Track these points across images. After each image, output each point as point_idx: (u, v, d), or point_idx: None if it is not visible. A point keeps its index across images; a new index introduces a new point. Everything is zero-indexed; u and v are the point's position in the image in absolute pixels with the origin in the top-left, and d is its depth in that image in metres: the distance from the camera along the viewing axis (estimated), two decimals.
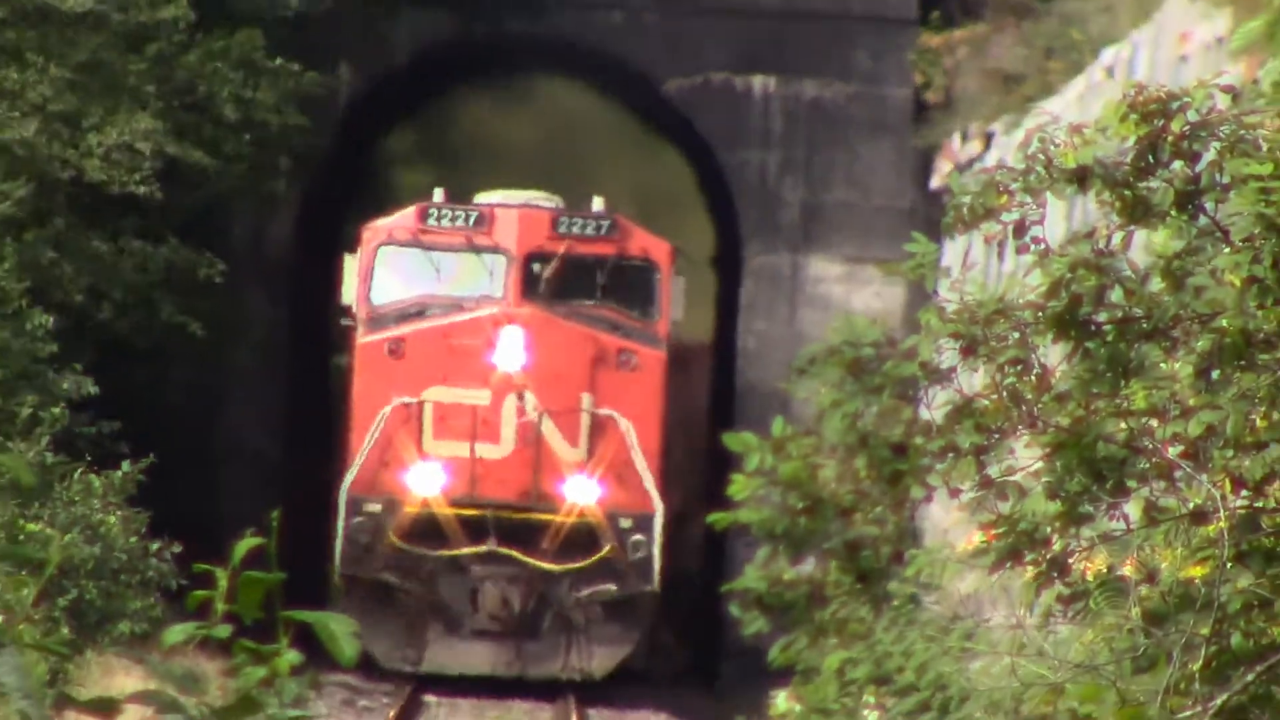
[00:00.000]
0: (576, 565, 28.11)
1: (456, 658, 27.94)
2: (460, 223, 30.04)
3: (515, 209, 30.48)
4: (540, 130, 40.59)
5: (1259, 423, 8.63)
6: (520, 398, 28.69)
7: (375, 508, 28.79)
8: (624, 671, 28.88)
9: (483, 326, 29.23)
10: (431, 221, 30.02)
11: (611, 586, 28.23)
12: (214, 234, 33.31)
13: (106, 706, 2.71)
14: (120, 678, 20.47)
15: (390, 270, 30.34)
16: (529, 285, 29.44)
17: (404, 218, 30.50)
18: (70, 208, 32.69)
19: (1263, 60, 10.69)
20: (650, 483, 28.23)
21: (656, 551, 28.24)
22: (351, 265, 30.14)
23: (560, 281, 29.93)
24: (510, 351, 28.83)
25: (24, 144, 31.94)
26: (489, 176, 32.94)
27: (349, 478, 28.78)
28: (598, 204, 30.27)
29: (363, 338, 30.11)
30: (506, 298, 29.49)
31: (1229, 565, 8.47)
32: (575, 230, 30.17)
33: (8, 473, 26.92)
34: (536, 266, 29.84)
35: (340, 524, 28.74)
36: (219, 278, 32.46)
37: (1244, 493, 8.75)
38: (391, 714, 26.12)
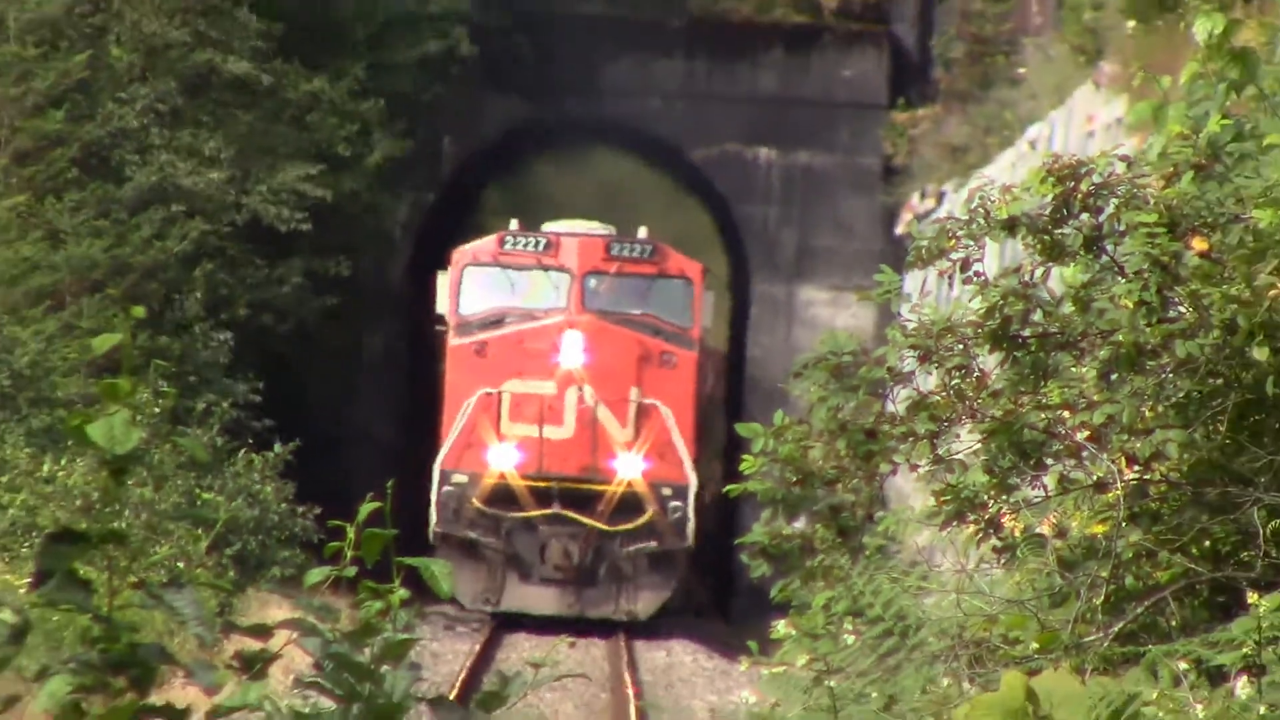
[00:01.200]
0: (626, 526, 27.86)
1: (527, 601, 27.66)
2: (531, 247, 29.66)
3: (576, 236, 30.17)
4: (596, 189, 40.35)
5: (1147, 414, 8.72)
6: (580, 389, 28.23)
7: (462, 479, 28.48)
8: (663, 611, 28.58)
9: (550, 332, 28.85)
10: (508, 246, 29.61)
11: (654, 544, 27.87)
12: (352, 271, 33.44)
13: (262, 630, 2.86)
14: (273, 610, 20.36)
15: (475, 285, 29.92)
16: (587, 298, 29.13)
17: (486, 243, 30.13)
18: (235, 240, 32.44)
19: (1149, 135, 10.55)
20: (686, 459, 27.92)
21: (691, 515, 27.91)
22: (443, 282, 29.76)
23: (612, 295, 29.67)
24: (572, 352, 28.47)
25: (205, 192, 31.81)
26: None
27: (441, 455, 28.52)
28: (642, 233, 29.56)
29: (453, 341, 29.76)
30: (569, 308, 29.09)
31: (1123, 524, 8.56)
32: (624, 253, 29.92)
33: (187, 452, 27.38)
34: (593, 282, 29.56)
35: (434, 493, 28.50)
36: (346, 271, 32.88)
37: (1135, 468, 8.91)
38: (480, 640, 25.87)
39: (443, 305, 29.95)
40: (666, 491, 27.92)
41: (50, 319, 27.23)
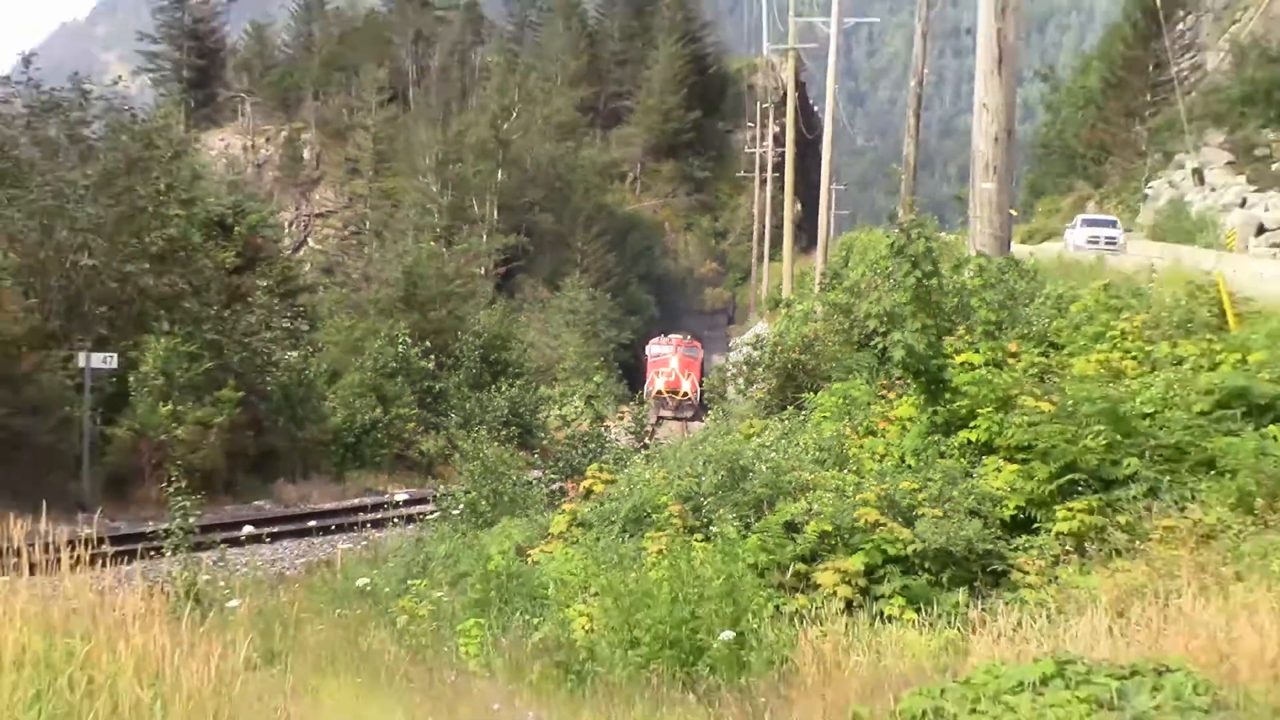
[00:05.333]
0: (687, 402, 56.79)
1: (666, 423, 54.02)
2: (664, 338, 61.90)
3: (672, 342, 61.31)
4: None
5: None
6: (672, 362, 58.99)
7: (648, 390, 55.08)
8: (695, 416, 51.85)
9: (667, 355, 59.65)
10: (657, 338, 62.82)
11: (690, 405, 56.03)
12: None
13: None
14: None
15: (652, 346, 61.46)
16: (680, 349, 60.70)
17: (660, 340, 62.03)
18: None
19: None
20: (697, 388, 54.84)
21: (698, 401, 53.04)
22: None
23: (685, 348, 60.84)
24: (674, 361, 59.18)
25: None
26: None
27: (646, 387, 56.20)
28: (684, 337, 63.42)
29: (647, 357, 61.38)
30: (672, 341, 60.94)
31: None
32: (685, 339, 62.05)
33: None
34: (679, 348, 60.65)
35: (645, 394, 48.36)
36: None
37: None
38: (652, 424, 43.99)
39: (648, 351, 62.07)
40: (690, 395, 57.68)
41: None
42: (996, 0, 15.59)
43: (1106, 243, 39.89)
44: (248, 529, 18.47)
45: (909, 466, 11.09)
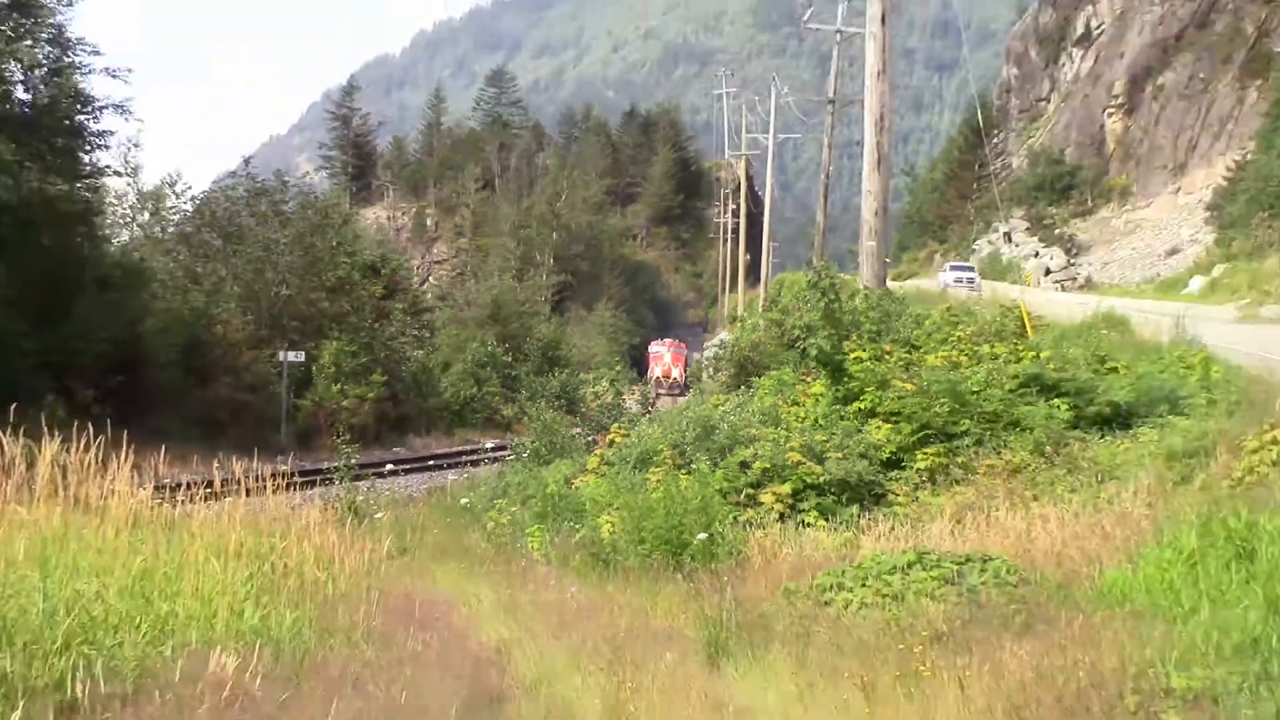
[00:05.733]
0: (676, 384, 44.27)
1: (662, 398, 34.81)
2: (661, 339, 53.77)
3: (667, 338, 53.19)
4: None
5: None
6: (666, 357, 49.02)
7: (650, 376, 44.92)
8: (682, 395, 36.61)
9: (663, 351, 50.05)
10: (655, 339, 54.33)
11: (679, 387, 42.99)
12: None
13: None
14: None
15: (652, 346, 52.21)
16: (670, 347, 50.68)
17: (658, 342, 52.35)
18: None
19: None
20: (684, 374, 45.44)
21: (685, 384, 41.55)
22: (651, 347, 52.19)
23: (674, 347, 51.01)
24: (666, 355, 49.38)
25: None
26: None
27: (648, 374, 46.11)
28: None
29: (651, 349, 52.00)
30: (666, 344, 51.40)
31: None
32: (676, 339, 53.71)
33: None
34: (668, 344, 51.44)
35: (648, 379, 42.73)
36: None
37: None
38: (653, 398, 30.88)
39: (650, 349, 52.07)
40: (678, 380, 46.36)
41: None
42: (875, 123, 15.65)
43: (967, 282, 37.63)
44: (389, 466, 18.31)
45: (820, 425, 11.14)
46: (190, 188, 31.53)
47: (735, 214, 65.07)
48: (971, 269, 42.58)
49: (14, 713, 2.81)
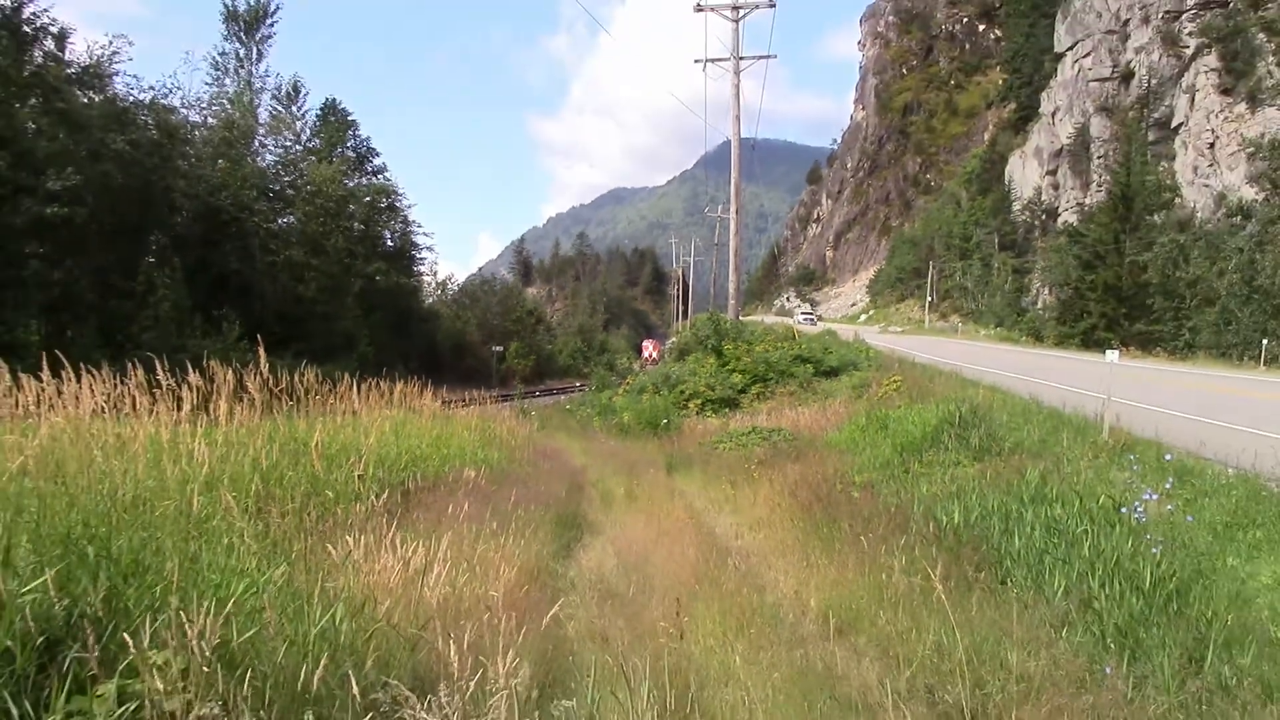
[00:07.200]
0: (656, 361, 26.71)
1: (647, 367, 24.74)
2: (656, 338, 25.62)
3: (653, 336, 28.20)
4: None
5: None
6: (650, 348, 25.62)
7: (643, 357, 20.13)
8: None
9: (648, 345, 29.81)
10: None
11: (656, 364, 25.32)
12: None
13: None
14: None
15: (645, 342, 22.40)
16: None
17: (647, 340, 23.24)
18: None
19: None
20: (660, 356, 27.68)
21: (659, 360, 25.07)
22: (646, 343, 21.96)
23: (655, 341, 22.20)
24: (650, 349, 29.86)
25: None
26: None
27: (641, 356, 21.00)
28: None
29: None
30: (651, 342, 29.49)
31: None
32: (655, 336, 29.12)
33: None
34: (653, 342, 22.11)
35: (641, 359, 20.43)
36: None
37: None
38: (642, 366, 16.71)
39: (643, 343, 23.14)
40: (656, 359, 30.31)
41: None
42: (734, 253, 14.62)
43: (810, 320, 29.09)
44: (537, 392, 17.33)
45: (712, 375, 10.35)
46: (453, 275, 31.67)
47: (679, 290, 59.28)
48: (812, 314, 35.07)
49: (384, 493, 2.76)
